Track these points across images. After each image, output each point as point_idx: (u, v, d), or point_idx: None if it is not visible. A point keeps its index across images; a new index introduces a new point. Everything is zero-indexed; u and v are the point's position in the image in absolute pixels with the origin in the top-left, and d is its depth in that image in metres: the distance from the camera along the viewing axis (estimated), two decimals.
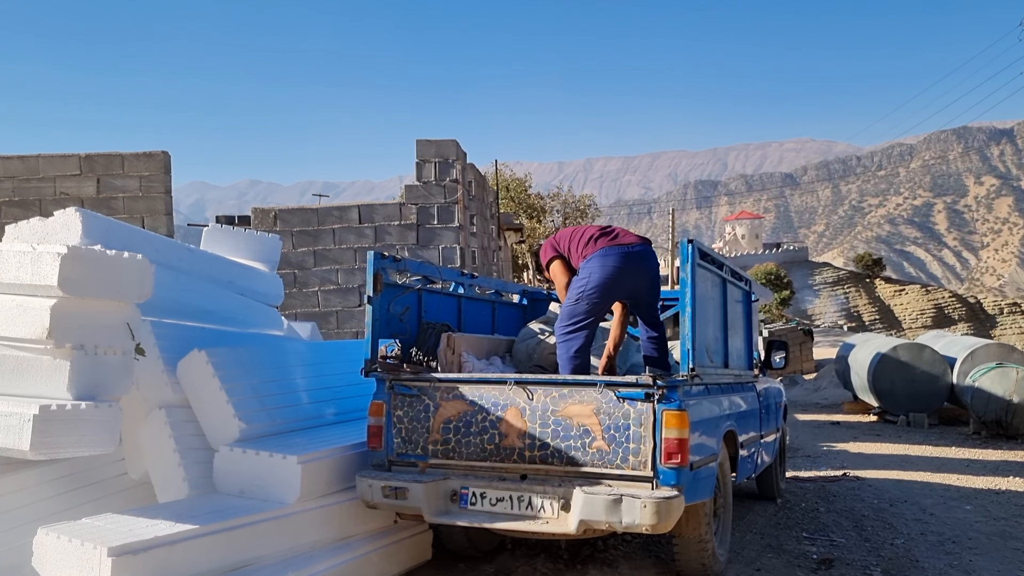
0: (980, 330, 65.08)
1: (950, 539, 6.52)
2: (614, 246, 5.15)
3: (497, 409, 4.53)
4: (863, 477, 9.49)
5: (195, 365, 4.81)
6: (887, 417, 16.11)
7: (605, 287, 5.05)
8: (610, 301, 5.25)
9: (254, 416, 4.84)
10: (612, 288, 5.09)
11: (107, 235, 4.95)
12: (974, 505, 7.90)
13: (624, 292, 5.22)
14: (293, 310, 11.38)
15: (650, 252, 5.27)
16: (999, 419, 13.35)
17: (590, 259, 5.14)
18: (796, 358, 27.26)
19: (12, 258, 3.88)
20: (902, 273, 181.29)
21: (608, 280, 5.03)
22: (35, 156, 11.15)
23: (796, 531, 6.68)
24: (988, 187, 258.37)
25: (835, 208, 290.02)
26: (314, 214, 11.93)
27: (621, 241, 5.21)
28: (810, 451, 11.96)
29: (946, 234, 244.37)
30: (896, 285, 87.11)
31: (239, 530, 4.08)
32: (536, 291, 7.60)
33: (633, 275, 5.18)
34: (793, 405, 18.13)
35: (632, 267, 5.16)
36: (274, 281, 7.08)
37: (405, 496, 4.48)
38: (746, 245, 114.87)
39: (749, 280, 6.64)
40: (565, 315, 5.12)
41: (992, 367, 13.76)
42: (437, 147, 11.76)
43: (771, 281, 61.63)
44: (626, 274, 5.13)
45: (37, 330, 3.80)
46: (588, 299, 5.04)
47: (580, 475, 4.34)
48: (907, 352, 15.69)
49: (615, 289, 5.12)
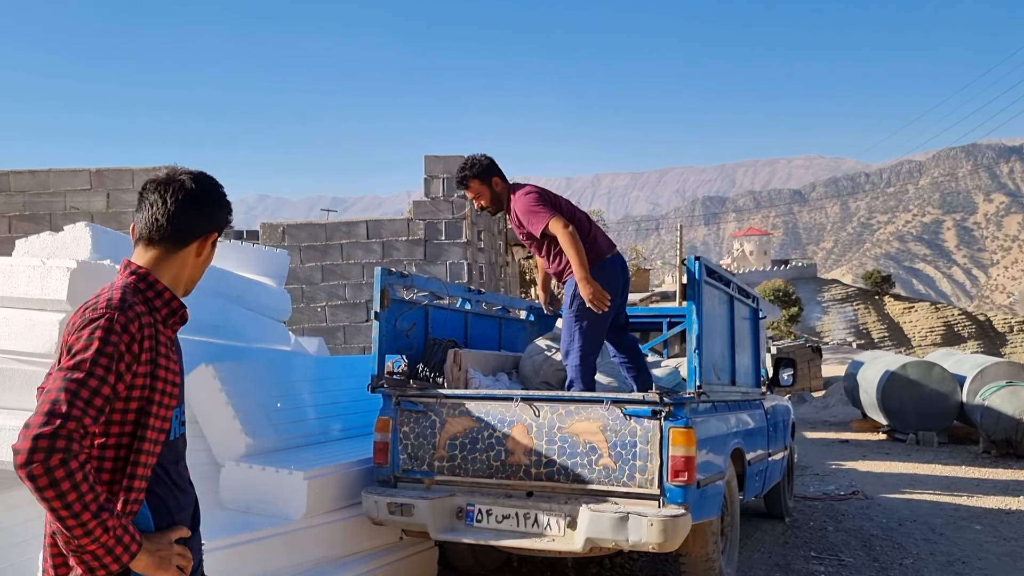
0: (990, 348, 64.69)
1: (960, 559, 6.47)
2: (611, 257, 5.11)
3: (503, 426, 4.52)
4: (872, 496, 9.43)
5: (202, 380, 4.81)
6: (896, 435, 16.00)
7: (610, 300, 5.03)
8: (612, 313, 5.22)
9: (261, 431, 4.84)
10: (614, 300, 5.07)
11: (116, 250, 4.97)
12: (984, 525, 7.84)
13: (618, 302, 5.16)
14: (300, 325, 11.39)
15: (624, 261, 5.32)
16: (1009, 438, 13.24)
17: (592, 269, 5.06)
18: (804, 375, 27.15)
19: (22, 272, 3.91)
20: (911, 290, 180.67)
21: (612, 293, 5.01)
22: (45, 171, 11.23)
23: (804, 550, 6.63)
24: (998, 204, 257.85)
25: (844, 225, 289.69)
26: (322, 229, 11.96)
27: (612, 250, 5.17)
28: (818, 469, 11.89)
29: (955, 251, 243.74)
30: (905, 302, 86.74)
31: (245, 546, 4.08)
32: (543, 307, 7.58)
33: (625, 285, 5.20)
34: (801, 423, 18.04)
35: (625, 277, 5.19)
36: (282, 296, 7.10)
37: (411, 513, 4.47)
38: (754, 262, 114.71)
39: (756, 297, 6.64)
40: (570, 333, 5.05)
41: (1002, 386, 13.67)
42: (445, 163, 11.80)
43: (779, 298, 61.44)
44: (623, 285, 5.16)
45: (46, 344, 3.82)
46: (594, 315, 5.01)
47: (586, 492, 4.33)
48: (916, 370, 15.61)
49: (615, 300, 5.09)
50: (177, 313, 2.18)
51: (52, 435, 1.82)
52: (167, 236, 2.14)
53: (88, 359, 1.92)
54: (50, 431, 1.82)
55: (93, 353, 1.92)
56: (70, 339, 1.99)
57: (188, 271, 2.23)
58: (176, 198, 2.13)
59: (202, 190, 2.17)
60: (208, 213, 2.19)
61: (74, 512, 1.83)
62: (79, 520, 1.84)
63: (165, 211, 2.12)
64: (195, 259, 2.22)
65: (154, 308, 2.11)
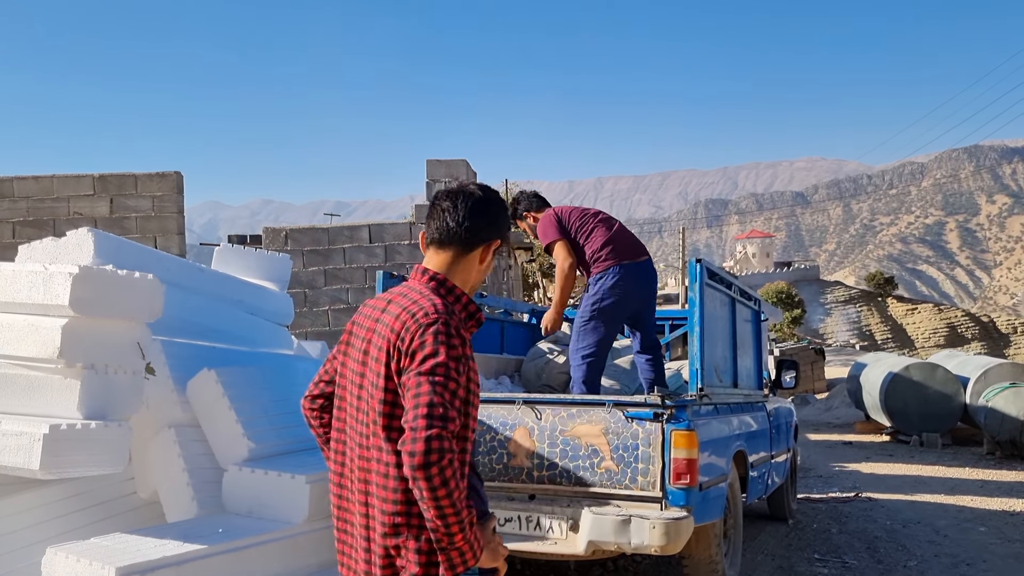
0: (993, 349, 64.59)
1: (964, 561, 6.45)
2: (630, 263, 5.11)
3: (505, 429, 4.52)
4: (876, 498, 9.41)
5: (205, 384, 4.82)
6: (900, 437, 15.97)
7: (622, 306, 5.03)
8: (624, 319, 5.23)
9: (263, 435, 4.84)
10: (627, 306, 5.08)
11: (119, 255, 4.98)
12: (988, 527, 7.82)
13: (633, 308, 5.19)
14: (303, 329, 11.40)
15: (653, 265, 5.29)
16: (1013, 439, 13.21)
17: (604, 274, 5.06)
18: (807, 377, 27.12)
19: (24, 278, 3.92)
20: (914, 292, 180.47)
21: (625, 299, 5.01)
22: (49, 176, 11.25)
23: (808, 552, 6.62)
24: (1000, 206, 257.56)
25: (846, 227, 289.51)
26: (325, 233, 11.98)
27: (635, 256, 5.16)
28: (822, 471, 11.87)
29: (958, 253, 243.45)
30: (908, 304, 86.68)
31: (247, 550, 4.08)
32: (545, 310, 7.59)
33: (645, 290, 5.18)
34: (804, 425, 18.01)
35: (647, 283, 5.17)
36: (284, 300, 7.10)
37: None
38: (757, 264, 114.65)
39: (758, 299, 6.63)
40: (579, 335, 5.08)
41: (1006, 387, 13.64)
42: (447, 167, 11.81)
43: (782, 300, 61.37)
44: (640, 290, 5.12)
45: (48, 350, 3.83)
46: (604, 319, 5.01)
47: (589, 495, 4.33)
48: (920, 371, 15.58)
49: (629, 306, 5.11)
50: (474, 316, 2.30)
51: (439, 436, 1.96)
52: (457, 240, 2.30)
53: (442, 363, 2.04)
54: (436, 433, 1.96)
55: (444, 357, 2.05)
56: (404, 342, 2.09)
57: (473, 275, 2.36)
58: (466, 204, 2.30)
59: (488, 199, 2.35)
60: (493, 221, 2.34)
61: (457, 509, 1.97)
62: (459, 517, 1.98)
63: (456, 216, 2.29)
64: (479, 264, 2.36)
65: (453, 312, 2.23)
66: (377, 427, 2.13)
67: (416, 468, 1.93)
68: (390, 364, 2.10)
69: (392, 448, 2.09)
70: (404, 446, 1.97)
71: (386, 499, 2.10)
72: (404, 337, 2.09)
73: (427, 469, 1.93)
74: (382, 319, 2.20)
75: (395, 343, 2.11)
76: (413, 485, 1.97)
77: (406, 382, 2.06)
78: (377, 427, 2.13)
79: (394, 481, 2.09)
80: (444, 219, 2.30)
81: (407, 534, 2.08)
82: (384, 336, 2.15)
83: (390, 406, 2.11)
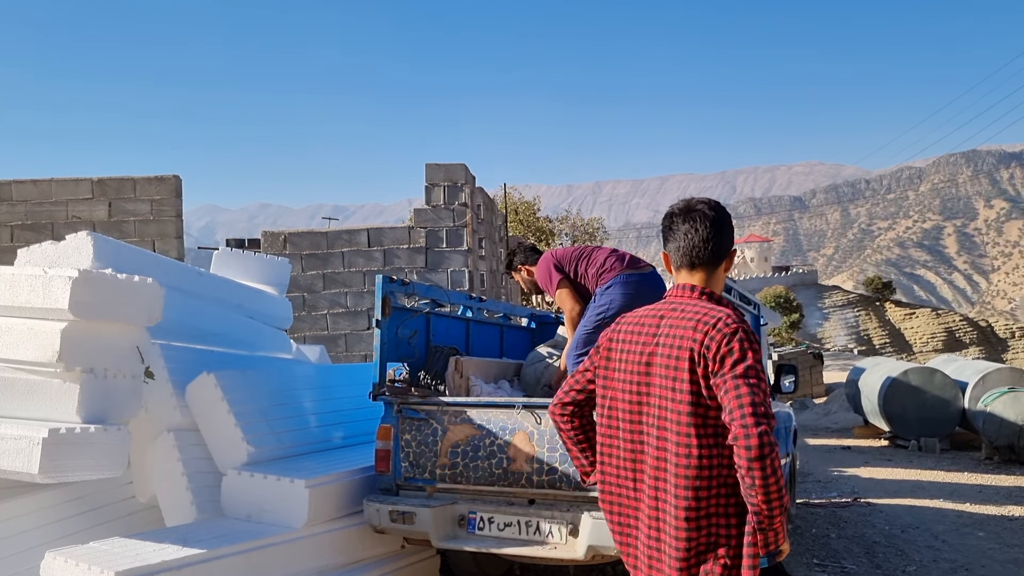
0: (992, 354, 64.61)
1: (963, 566, 6.45)
2: (634, 272, 5.14)
3: (505, 433, 4.52)
4: (874, 503, 9.40)
5: (204, 388, 4.82)
6: (898, 442, 15.96)
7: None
8: None
9: (262, 439, 4.84)
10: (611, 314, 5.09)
11: (118, 259, 4.99)
12: (987, 532, 7.82)
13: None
14: (302, 333, 11.40)
15: (658, 275, 5.30)
16: (1012, 444, 13.21)
17: (610, 285, 5.10)
18: (806, 382, 27.09)
19: (24, 282, 3.91)
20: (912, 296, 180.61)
21: (631, 307, 5.02)
22: (48, 180, 11.25)
23: (807, 557, 6.62)
24: (998, 210, 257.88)
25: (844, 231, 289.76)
26: (323, 237, 11.98)
27: (640, 267, 5.21)
28: (820, 476, 11.86)
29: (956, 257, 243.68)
30: (906, 308, 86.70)
31: (246, 555, 4.07)
32: (544, 315, 7.60)
33: (651, 299, 5.18)
34: (803, 429, 18.00)
35: (652, 293, 5.17)
36: (283, 304, 7.11)
37: (412, 521, 4.46)
38: (755, 268, 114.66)
39: (757, 303, 6.63)
40: (582, 341, 5.09)
41: (1004, 391, 13.63)
42: (446, 171, 11.81)
43: (780, 304, 61.40)
44: (646, 300, 5.14)
45: (47, 353, 3.82)
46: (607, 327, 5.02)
47: (588, 500, 4.32)
48: (918, 376, 15.57)
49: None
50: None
51: (770, 431, 2.21)
52: (707, 260, 2.52)
53: (751, 365, 2.28)
54: (765, 429, 2.20)
55: (753, 360, 2.29)
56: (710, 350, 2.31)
57: (722, 283, 2.62)
58: (705, 225, 2.51)
59: (720, 217, 2.54)
60: (728, 233, 2.55)
61: (781, 495, 2.21)
62: (781, 502, 2.22)
63: (700, 238, 2.51)
64: (724, 273, 2.60)
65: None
66: (680, 426, 2.34)
67: (753, 460, 2.17)
68: (695, 370, 2.32)
69: (698, 443, 2.31)
70: (738, 441, 2.20)
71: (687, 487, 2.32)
72: (709, 345, 2.31)
73: (762, 460, 2.17)
74: (670, 332, 2.42)
75: (699, 351, 2.32)
76: (747, 474, 2.19)
77: (720, 384, 2.28)
78: (680, 426, 2.34)
79: (695, 471, 2.31)
80: (689, 242, 2.51)
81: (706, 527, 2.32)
82: (680, 346, 2.37)
83: (694, 406, 2.33)
